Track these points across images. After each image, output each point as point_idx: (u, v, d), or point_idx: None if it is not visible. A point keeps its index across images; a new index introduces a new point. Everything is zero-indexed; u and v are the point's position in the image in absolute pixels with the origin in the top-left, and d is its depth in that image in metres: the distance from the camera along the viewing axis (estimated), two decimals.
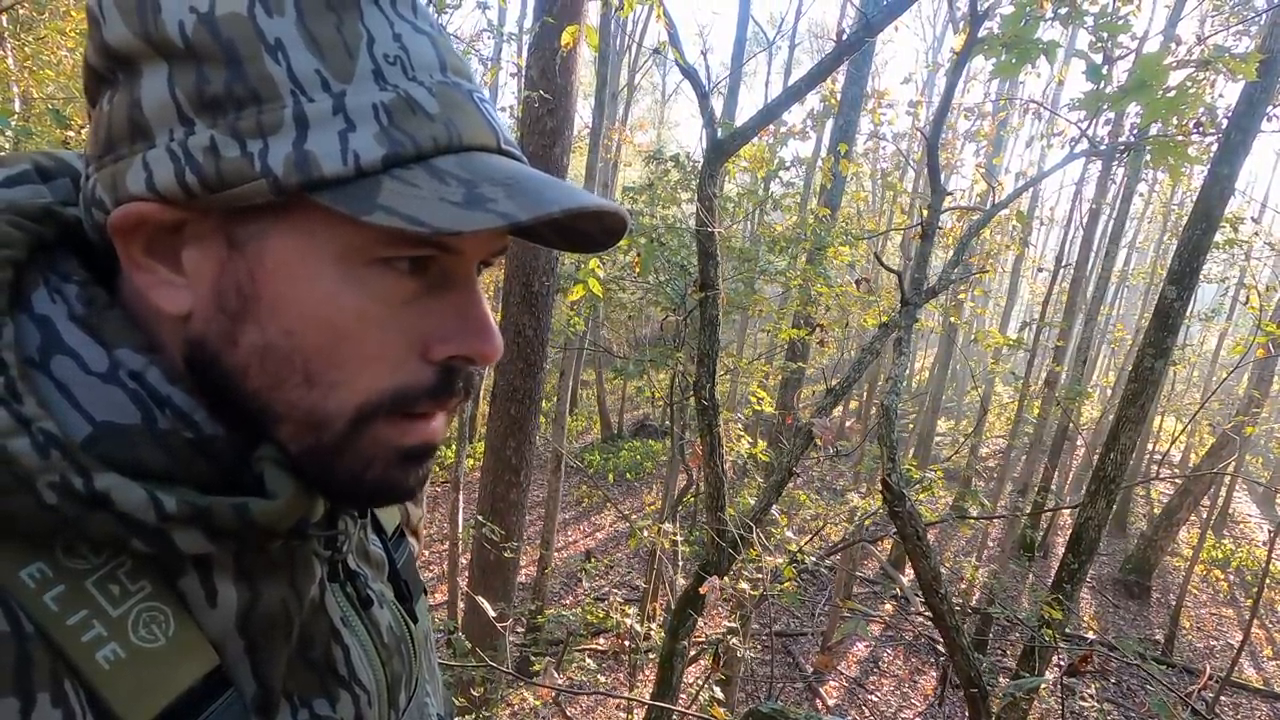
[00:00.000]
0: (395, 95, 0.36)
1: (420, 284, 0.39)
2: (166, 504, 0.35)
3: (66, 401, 0.36)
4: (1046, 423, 9.68)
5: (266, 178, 0.35)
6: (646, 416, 17.19)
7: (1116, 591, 12.09)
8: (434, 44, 0.39)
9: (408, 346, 0.39)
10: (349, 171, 0.35)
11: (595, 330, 12.11)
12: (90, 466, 0.34)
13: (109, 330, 0.38)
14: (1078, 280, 10.36)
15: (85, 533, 0.34)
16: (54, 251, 0.40)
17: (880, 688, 8.96)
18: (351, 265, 0.37)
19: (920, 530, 1.78)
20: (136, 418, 0.37)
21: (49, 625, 0.33)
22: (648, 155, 5.33)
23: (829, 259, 4.67)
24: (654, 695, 2.81)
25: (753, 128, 2.82)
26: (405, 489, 0.42)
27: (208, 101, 0.35)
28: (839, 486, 12.09)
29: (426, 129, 0.36)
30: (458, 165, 0.36)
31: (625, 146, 15.44)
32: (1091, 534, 3.88)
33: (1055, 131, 5.94)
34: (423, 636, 0.58)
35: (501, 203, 0.34)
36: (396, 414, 0.40)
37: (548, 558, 8.85)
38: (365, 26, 0.37)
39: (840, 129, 7.29)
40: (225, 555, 0.39)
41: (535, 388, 4.71)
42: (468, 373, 0.42)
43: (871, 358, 3.22)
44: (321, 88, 0.35)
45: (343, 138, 0.35)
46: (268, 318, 0.37)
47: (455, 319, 0.40)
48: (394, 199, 0.34)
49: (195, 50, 0.35)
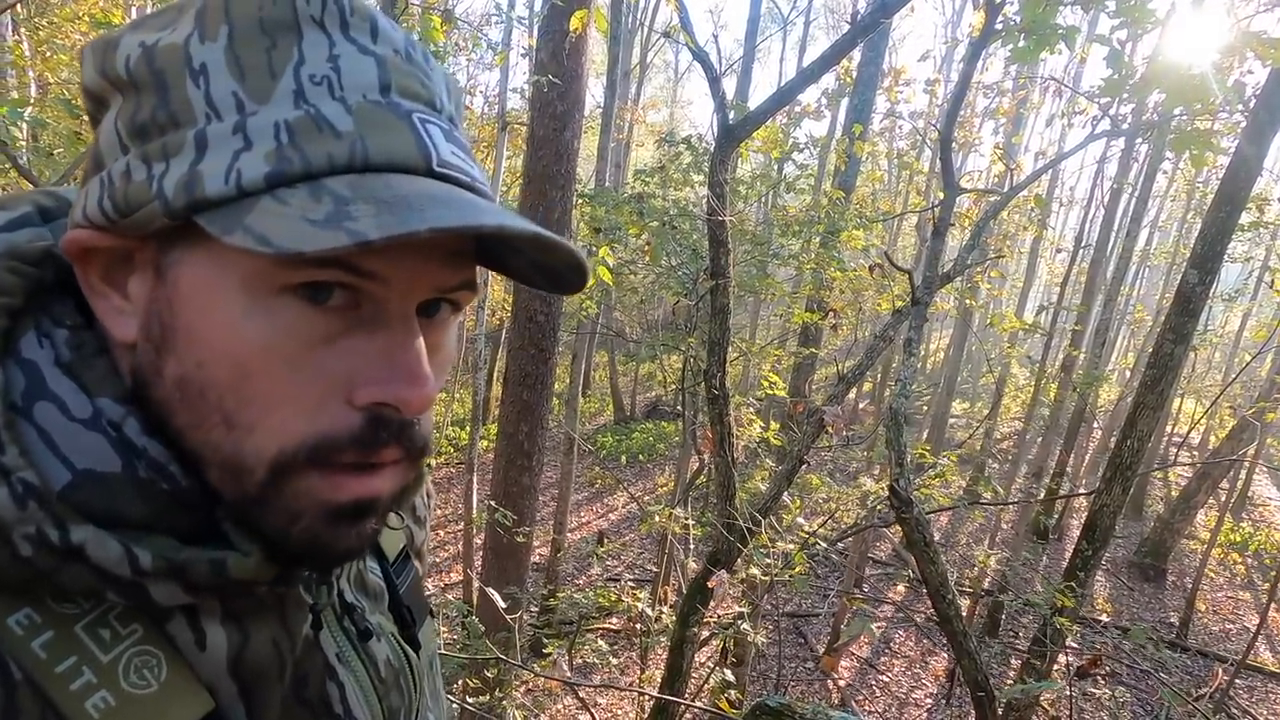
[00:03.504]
0: (304, 114, 0.35)
1: (344, 320, 0.36)
2: (142, 559, 0.35)
3: (48, 448, 0.36)
4: (1063, 406, 9.57)
5: (159, 200, 0.34)
6: (659, 398, 17.22)
7: (1131, 574, 12.03)
8: (382, 66, 0.37)
9: (329, 388, 0.36)
10: (230, 191, 0.33)
11: (608, 313, 12.10)
12: (67, 518, 0.34)
13: (92, 378, 0.38)
14: (1097, 261, 10.18)
15: (60, 585, 0.34)
16: (50, 295, 0.40)
17: (891, 668, 9.00)
18: (257, 294, 0.35)
19: (928, 536, 1.76)
20: (117, 465, 0.36)
21: (37, 673, 0.33)
22: (660, 138, 5.27)
23: (843, 243, 4.61)
24: (664, 681, 2.84)
25: (765, 112, 2.77)
26: (338, 551, 0.39)
27: (136, 129, 0.36)
28: (851, 469, 12.08)
29: (325, 147, 0.34)
30: (348, 184, 0.33)
31: (638, 126, 15.30)
32: (1106, 521, 3.84)
33: (1076, 110, 5.80)
34: (426, 663, 0.58)
35: (362, 221, 0.31)
36: (321, 465, 0.37)
37: (561, 540, 8.94)
38: (300, 49, 0.36)
39: (856, 108, 7.16)
40: (211, 601, 0.39)
41: (547, 373, 4.72)
42: (401, 423, 0.38)
43: (884, 344, 3.19)
44: (235, 109, 0.34)
45: (235, 157, 0.34)
46: (184, 349, 0.36)
47: (382, 361, 0.37)
48: (259, 219, 0.32)
49: (135, 82, 0.36)
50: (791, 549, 3.68)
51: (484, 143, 12.62)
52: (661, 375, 9.89)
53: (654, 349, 5.46)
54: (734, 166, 4.94)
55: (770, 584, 3.27)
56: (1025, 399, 12.21)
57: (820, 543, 3.79)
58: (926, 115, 9.96)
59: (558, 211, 4.53)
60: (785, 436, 5.32)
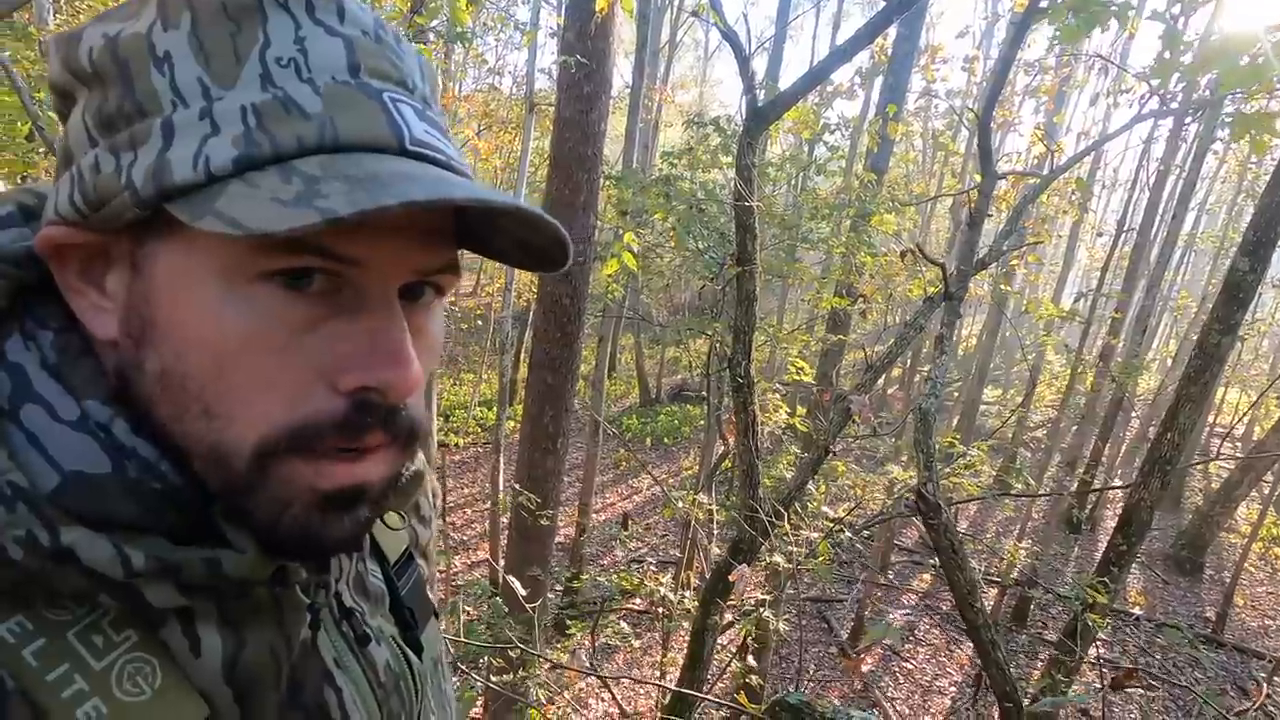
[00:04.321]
0: (271, 96, 0.34)
1: (326, 306, 0.36)
2: (134, 559, 0.34)
3: (36, 451, 0.36)
4: (1100, 395, 9.32)
5: (128, 190, 0.34)
6: (685, 381, 17.20)
7: (1167, 567, 11.76)
8: (350, 46, 0.37)
9: (312, 375, 0.36)
10: (199, 177, 0.33)
11: (634, 296, 12.06)
12: (57, 520, 0.34)
13: (78, 380, 0.38)
14: (1141, 245, 9.84)
15: (52, 588, 0.34)
16: (35, 296, 0.39)
17: (915, 656, 8.95)
18: (235, 282, 0.35)
19: (956, 543, 1.72)
20: (107, 466, 0.36)
21: (28, 682, 0.33)
22: (688, 119, 5.20)
23: (874, 227, 4.50)
24: (685, 668, 2.85)
25: (795, 93, 2.70)
26: (329, 540, 0.38)
27: (103, 121, 0.35)
28: (879, 455, 11.95)
29: (293, 129, 0.34)
30: (319, 165, 0.33)
31: (666, 107, 15.12)
32: (1143, 516, 3.74)
33: (1123, 88, 5.57)
34: (430, 665, 0.57)
35: (333, 198, 0.31)
36: (305, 451, 0.36)
37: (585, 522, 9.02)
38: (265, 32, 0.35)
39: (890, 87, 6.97)
40: (206, 604, 0.39)
41: (572, 357, 4.72)
42: (387, 408, 0.38)
43: (915, 333, 3.11)
44: (202, 95, 0.34)
45: (202, 143, 0.33)
46: (162, 341, 0.36)
47: (364, 345, 0.36)
48: (229, 203, 0.31)
49: (100, 74, 0.36)
50: (816, 537, 3.65)
51: (512, 124, 12.59)
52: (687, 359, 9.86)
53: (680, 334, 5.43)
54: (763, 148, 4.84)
55: (794, 572, 3.25)
56: (1060, 387, 11.92)
57: (845, 531, 3.75)
58: (964, 94, 9.67)
59: (584, 194, 4.50)
60: (811, 423, 5.26)
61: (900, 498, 5.28)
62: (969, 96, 9.84)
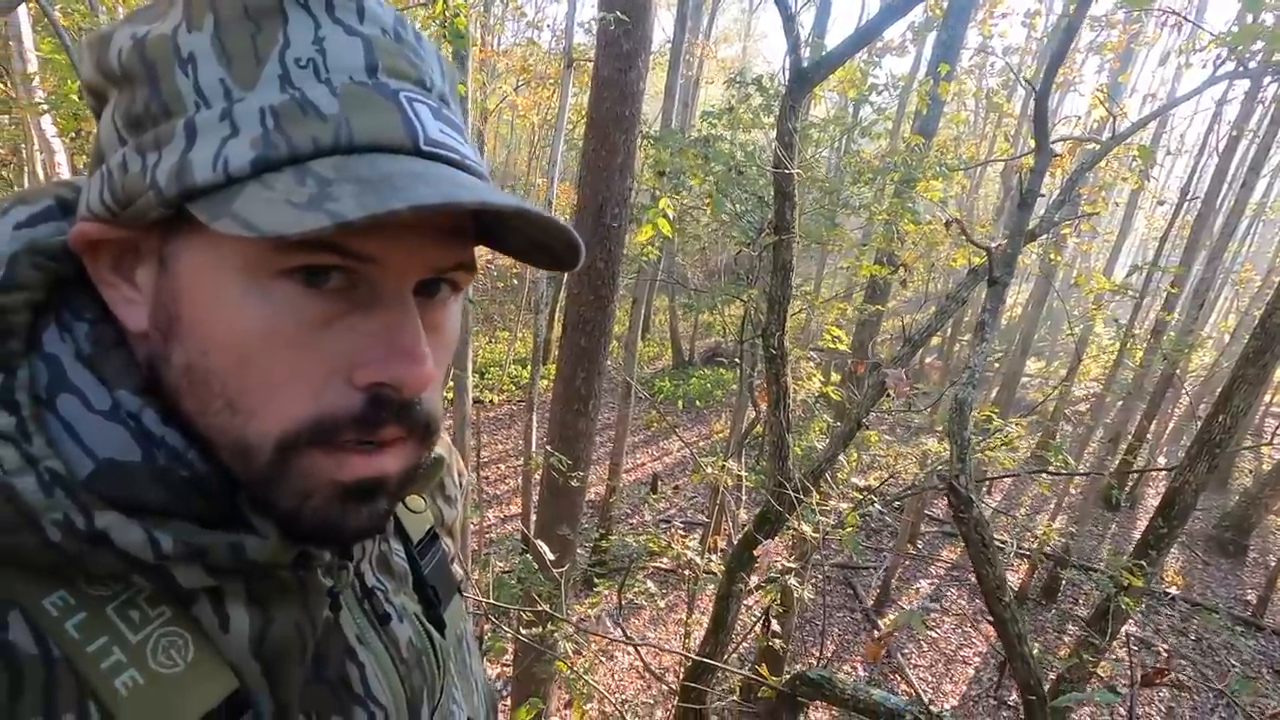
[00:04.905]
0: (289, 98, 0.35)
1: (343, 302, 0.37)
2: (163, 543, 0.36)
3: (72, 439, 0.37)
4: (1148, 370, 8.99)
5: (153, 189, 0.35)
6: (718, 344, 17.11)
7: (1208, 548, 11.48)
8: (369, 46, 0.37)
9: (330, 370, 0.37)
10: (219, 178, 0.34)
11: (669, 258, 11.95)
12: (91, 505, 0.35)
13: (111, 370, 0.39)
14: (1205, 214, 9.33)
15: (88, 568, 0.36)
16: (71, 288, 0.41)
17: (941, 625, 8.97)
18: (256, 279, 0.36)
19: (986, 537, 1.69)
20: (138, 455, 0.38)
21: (71, 652, 0.35)
22: (729, 78, 5.04)
23: (919, 193, 4.34)
24: (709, 632, 2.91)
25: (842, 55, 2.59)
26: (350, 530, 0.40)
27: (131, 121, 0.37)
28: (913, 424, 11.79)
29: (309, 130, 0.35)
30: (333, 166, 0.34)
31: (708, 62, 14.69)
32: (1187, 499, 3.62)
33: (1197, 47, 5.21)
34: (454, 641, 0.59)
35: (343, 201, 0.31)
36: (324, 444, 0.38)
37: (615, 483, 9.14)
38: (286, 33, 0.36)
39: (944, 43, 6.63)
40: (234, 584, 0.40)
41: (605, 320, 4.72)
42: (401, 402, 0.39)
43: (956, 306, 3.03)
44: (223, 96, 0.35)
45: (223, 144, 0.34)
46: (187, 336, 0.37)
47: (380, 341, 0.38)
48: (246, 204, 0.33)
49: (129, 74, 0.37)
50: (845, 508, 3.64)
51: (550, 79, 12.39)
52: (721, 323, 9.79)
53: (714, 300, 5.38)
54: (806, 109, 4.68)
55: (821, 542, 3.26)
56: (1108, 360, 11.53)
57: (875, 504, 3.73)
58: (1022, 50, 9.17)
59: (620, 156, 4.43)
60: (844, 392, 5.20)
61: (932, 470, 5.21)
62: (1028, 54, 9.33)
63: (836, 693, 1.66)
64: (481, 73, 13.20)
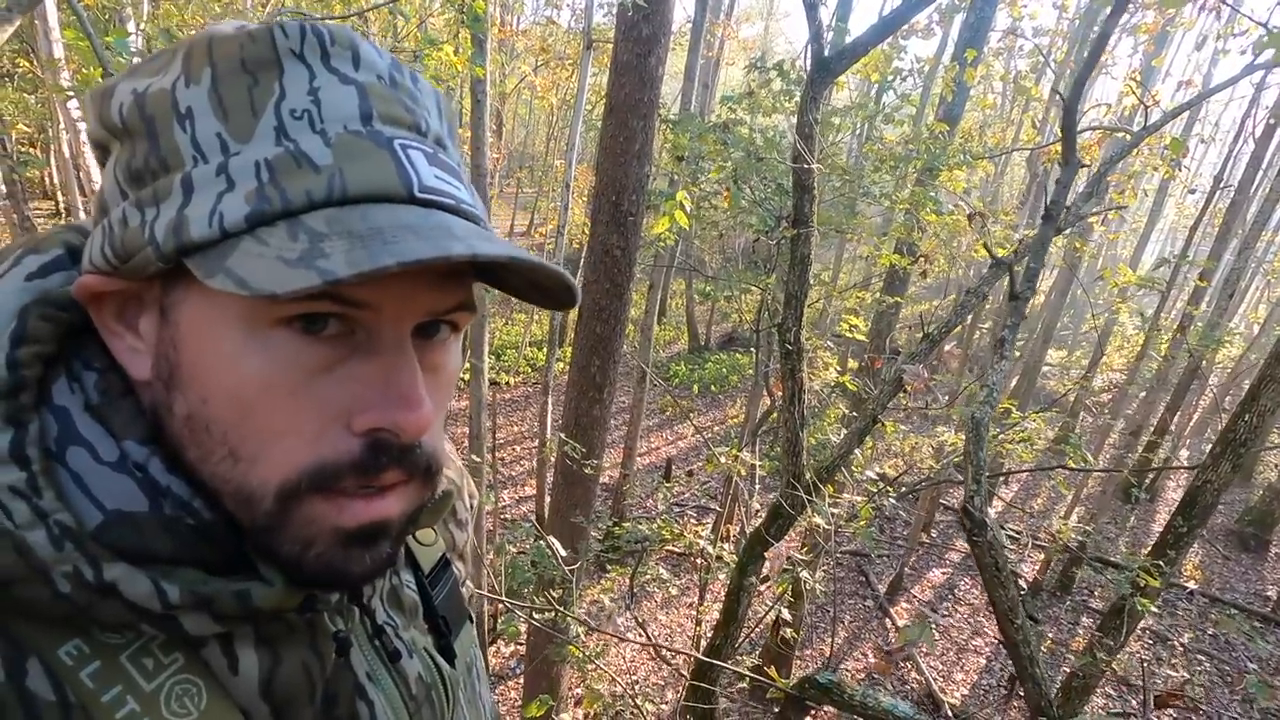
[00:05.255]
0: (283, 150, 0.35)
1: (341, 348, 0.37)
2: (170, 593, 0.37)
3: (80, 491, 0.38)
4: (1173, 363, 8.82)
5: (151, 245, 0.35)
6: (735, 329, 17.04)
7: (1229, 542, 11.34)
8: (363, 93, 0.38)
9: (329, 416, 0.37)
10: (214, 234, 0.34)
11: (686, 242, 11.87)
12: (101, 556, 0.36)
13: (118, 421, 0.40)
14: (1238, 203, 9.08)
15: (98, 619, 0.36)
16: (81, 337, 0.41)
17: (953, 614, 8.96)
18: (254, 328, 0.36)
19: (1000, 561, 1.67)
20: (145, 505, 0.38)
21: (87, 701, 0.35)
22: (750, 62, 4.95)
23: (941, 183, 4.25)
24: (720, 625, 2.92)
25: (865, 44, 2.53)
26: (353, 576, 0.40)
27: (132, 175, 0.37)
28: (930, 414, 11.70)
29: (303, 183, 0.35)
30: (326, 220, 0.34)
31: (729, 42, 14.46)
32: (1208, 499, 3.56)
33: (1237, 30, 5.04)
34: (464, 670, 0.59)
35: (334, 258, 0.32)
36: (325, 490, 0.38)
37: (630, 467, 9.18)
38: (281, 84, 0.36)
39: (971, 25, 6.46)
40: (243, 627, 0.41)
41: (621, 308, 4.71)
42: (401, 446, 0.39)
43: (976, 300, 2.98)
44: (220, 150, 0.35)
45: (218, 199, 0.34)
46: (188, 385, 0.37)
47: (378, 386, 0.38)
48: (239, 261, 0.33)
49: (129, 129, 0.37)
50: (858, 501, 3.63)
51: (569, 60, 12.28)
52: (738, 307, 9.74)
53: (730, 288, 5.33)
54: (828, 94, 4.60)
55: (833, 533, 3.25)
56: (1132, 350, 11.32)
57: (889, 497, 3.71)
58: (1053, 32, 8.93)
59: (638, 142, 4.38)
60: (859, 382, 5.16)
61: (949, 461, 5.17)
62: (1059, 35, 9.08)
63: (845, 698, 1.67)
64: (500, 53, 13.10)
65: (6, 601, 0.35)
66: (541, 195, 18.90)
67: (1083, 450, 3.77)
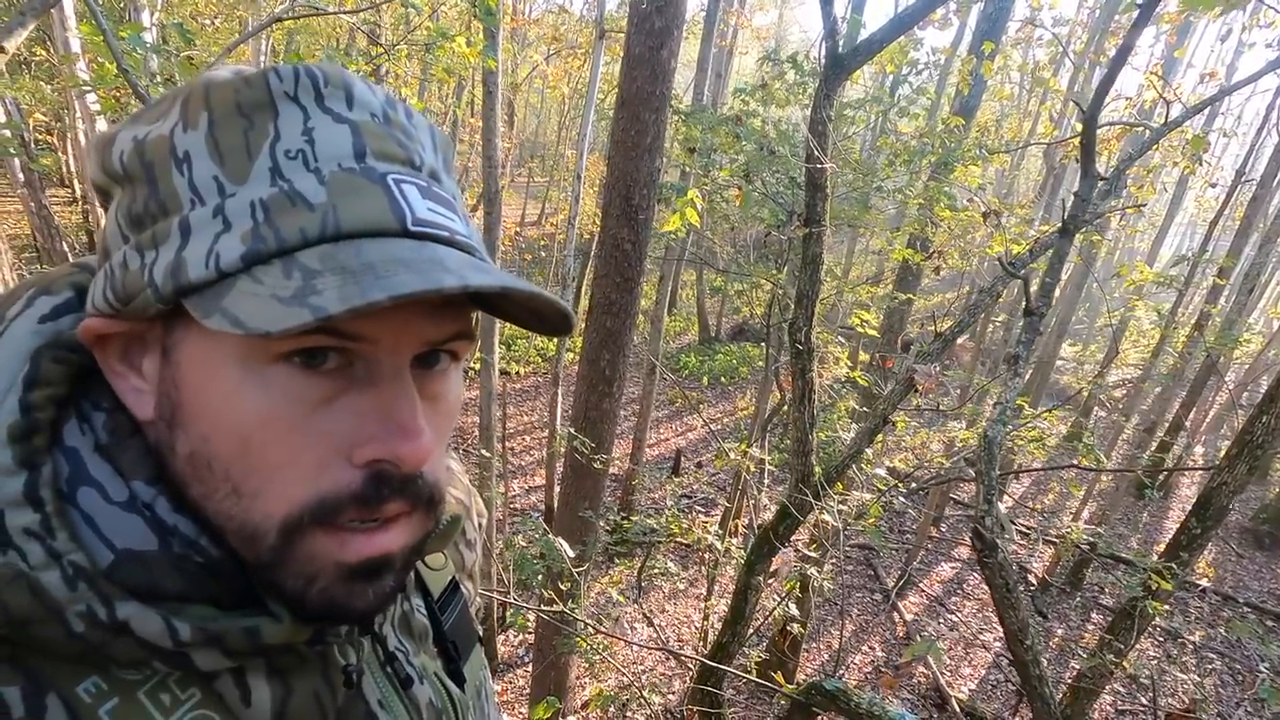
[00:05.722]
0: (278, 190, 0.36)
1: (340, 381, 0.38)
2: (180, 631, 0.37)
3: (92, 531, 0.38)
4: (1190, 358, 8.70)
5: (150, 287, 0.36)
6: (745, 321, 16.98)
7: (1243, 540, 11.23)
8: (356, 131, 0.38)
9: (329, 449, 0.38)
10: (211, 275, 0.35)
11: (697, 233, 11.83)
12: (113, 595, 0.36)
13: (127, 461, 0.40)
14: (1260, 197, 8.93)
15: (113, 656, 0.37)
16: (91, 378, 0.42)
17: (962, 609, 8.95)
18: (253, 365, 0.36)
19: (1011, 582, 1.66)
20: (154, 544, 0.39)
21: None
22: (764, 54, 4.90)
23: (956, 178, 4.20)
24: (727, 622, 2.93)
25: (880, 40, 2.50)
26: (356, 610, 0.40)
27: (133, 220, 0.38)
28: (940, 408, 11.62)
29: (297, 221, 0.35)
30: (319, 257, 0.34)
31: (743, 32, 14.31)
32: (1223, 500, 3.52)
33: (1264, 23, 4.93)
34: (473, 694, 0.60)
35: (325, 295, 0.32)
36: (326, 524, 0.38)
37: (639, 458, 9.20)
38: (276, 126, 0.37)
39: (989, 17, 6.37)
40: (255, 659, 0.41)
41: (631, 302, 4.70)
42: (403, 478, 0.39)
43: (989, 300, 2.95)
44: (217, 192, 0.36)
45: (215, 240, 0.35)
46: (191, 424, 0.38)
47: (377, 418, 0.38)
48: (235, 300, 0.33)
49: (129, 175, 0.38)
50: (867, 498, 3.62)
51: (581, 49, 12.21)
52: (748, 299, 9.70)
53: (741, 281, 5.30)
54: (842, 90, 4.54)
55: (841, 529, 3.25)
56: (1148, 344, 11.19)
57: (899, 494, 3.70)
58: (1073, 22, 8.78)
59: (650, 135, 4.35)
60: (870, 377, 5.13)
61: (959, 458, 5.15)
62: (1080, 25, 8.93)
63: (851, 706, 1.66)
64: (512, 42, 13.04)
65: (24, 640, 0.35)
66: (553, 185, 18.86)
67: (1096, 451, 3.74)
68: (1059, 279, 1.97)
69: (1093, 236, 6.73)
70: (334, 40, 10.39)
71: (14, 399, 0.38)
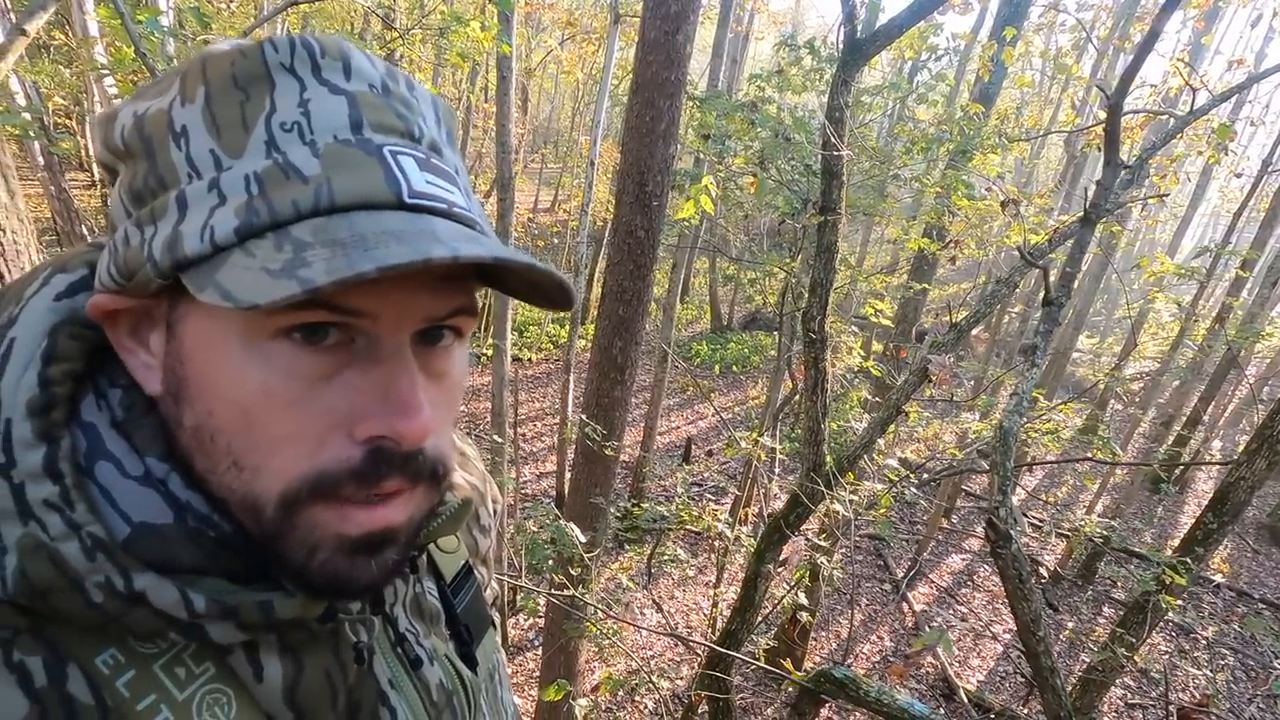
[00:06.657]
0: (272, 163, 0.36)
1: (341, 357, 0.38)
2: (196, 602, 0.38)
3: (109, 504, 0.39)
4: (1210, 352, 8.56)
5: (149, 262, 0.36)
6: (758, 309, 16.91)
7: (1260, 536, 11.11)
8: (353, 103, 0.38)
9: (329, 425, 0.37)
10: (206, 249, 0.35)
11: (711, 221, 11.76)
12: (130, 566, 0.37)
13: (141, 437, 0.41)
14: None
15: (130, 627, 0.37)
16: (107, 354, 0.42)
17: (971, 601, 8.93)
18: (254, 340, 0.36)
19: (1024, 574, 1.64)
20: (169, 518, 0.39)
21: (123, 710, 0.37)
22: (780, 40, 4.84)
23: (974, 166, 4.14)
24: (736, 610, 2.95)
25: (900, 26, 2.46)
26: (357, 583, 0.40)
27: (134, 195, 0.38)
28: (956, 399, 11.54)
29: (290, 194, 0.35)
30: (312, 230, 0.34)
31: (759, 16, 14.14)
32: (1241, 496, 3.48)
33: None
34: (485, 677, 0.60)
35: (314, 266, 0.32)
36: (327, 499, 0.38)
37: (649, 445, 9.21)
38: (273, 99, 0.37)
39: (1011, 1, 6.26)
40: (267, 635, 0.42)
41: (644, 289, 4.68)
42: (403, 454, 0.39)
43: (1006, 290, 2.92)
44: (213, 166, 0.36)
45: (210, 214, 0.35)
46: (195, 398, 0.38)
47: (377, 394, 0.38)
48: (227, 274, 0.33)
49: (131, 151, 0.38)
50: (879, 489, 3.61)
51: (596, 33, 12.12)
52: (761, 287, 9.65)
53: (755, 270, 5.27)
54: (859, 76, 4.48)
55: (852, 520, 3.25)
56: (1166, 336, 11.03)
57: (910, 485, 3.68)
58: (1097, 7, 8.59)
59: (664, 122, 4.31)
60: (884, 368, 5.10)
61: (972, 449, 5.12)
62: (1104, 10, 8.74)
63: (860, 694, 1.67)
64: (526, 26, 12.96)
65: (44, 610, 0.36)
66: (566, 171, 18.79)
67: (1112, 445, 3.70)
68: (1080, 269, 1.94)
69: (1113, 227, 6.62)
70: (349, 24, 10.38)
71: (33, 374, 0.38)
